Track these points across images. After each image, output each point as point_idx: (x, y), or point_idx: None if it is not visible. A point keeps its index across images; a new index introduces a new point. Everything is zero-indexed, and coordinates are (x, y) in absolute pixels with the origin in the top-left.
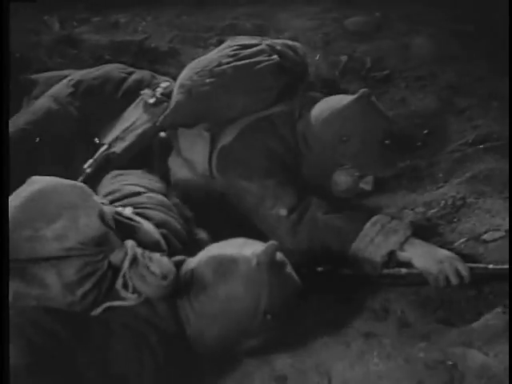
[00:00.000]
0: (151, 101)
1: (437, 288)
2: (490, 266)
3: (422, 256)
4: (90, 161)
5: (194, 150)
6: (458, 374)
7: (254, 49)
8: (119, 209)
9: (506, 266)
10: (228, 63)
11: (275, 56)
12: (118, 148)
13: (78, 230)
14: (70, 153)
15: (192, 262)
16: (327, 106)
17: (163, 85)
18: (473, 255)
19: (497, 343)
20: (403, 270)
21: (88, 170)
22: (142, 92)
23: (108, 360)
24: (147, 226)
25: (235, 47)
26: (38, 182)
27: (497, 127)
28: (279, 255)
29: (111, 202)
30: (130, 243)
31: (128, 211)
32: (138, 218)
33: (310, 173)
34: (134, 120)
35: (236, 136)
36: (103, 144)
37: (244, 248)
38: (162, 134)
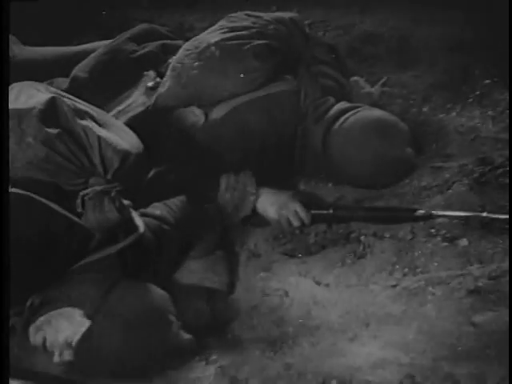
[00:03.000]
0: (150, 84)
1: None
2: (330, 211)
3: (264, 203)
4: None
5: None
6: (288, 300)
7: (244, 32)
8: None
9: (347, 213)
10: (216, 44)
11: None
12: None
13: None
14: None
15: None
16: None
17: (171, 60)
18: None
19: (330, 274)
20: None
21: None
22: (145, 73)
23: None
24: None
25: (225, 29)
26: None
27: None
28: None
29: None
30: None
31: None
32: None
33: (310, 166)
34: (131, 102)
35: (226, 113)
36: None
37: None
38: None
